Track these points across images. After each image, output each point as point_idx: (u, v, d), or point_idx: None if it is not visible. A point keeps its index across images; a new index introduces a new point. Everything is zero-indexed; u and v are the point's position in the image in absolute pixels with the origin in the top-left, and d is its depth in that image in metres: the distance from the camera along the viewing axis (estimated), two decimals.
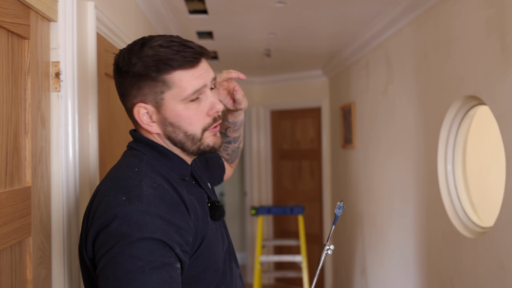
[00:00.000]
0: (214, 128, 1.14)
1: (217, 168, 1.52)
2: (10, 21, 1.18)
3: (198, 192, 1.17)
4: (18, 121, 1.24)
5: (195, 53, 1.09)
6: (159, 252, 0.95)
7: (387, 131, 3.56)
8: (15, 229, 1.19)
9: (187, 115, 1.10)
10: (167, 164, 1.12)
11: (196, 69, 1.10)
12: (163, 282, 0.93)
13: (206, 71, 1.12)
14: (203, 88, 1.10)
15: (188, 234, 1.02)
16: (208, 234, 1.09)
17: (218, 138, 1.17)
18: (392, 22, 3.29)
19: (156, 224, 0.96)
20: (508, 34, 2.06)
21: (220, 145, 1.17)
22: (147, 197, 0.99)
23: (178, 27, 3.53)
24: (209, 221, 1.13)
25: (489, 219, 2.53)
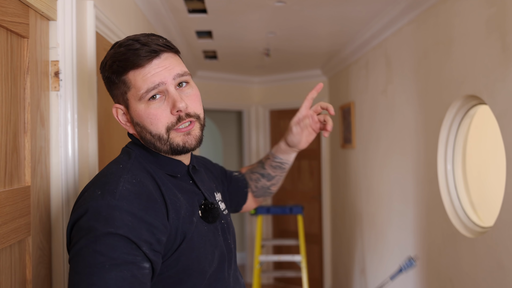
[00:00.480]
0: (182, 129, 1.09)
1: (238, 193, 1.50)
2: (10, 20, 1.17)
3: (192, 192, 1.15)
4: (18, 120, 1.24)
5: (148, 51, 1.06)
6: (123, 249, 0.93)
7: (387, 130, 3.56)
8: (15, 228, 1.19)
9: (147, 115, 1.08)
10: (154, 161, 1.13)
11: (150, 66, 1.07)
12: (122, 280, 0.92)
13: (165, 68, 1.08)
14: (160, 86, 1.07)
15: (161, 233, 0.99)
16: (191, 235, 1.06)
17: (192, 137, 1.10)
18: (392, 22, 3.29)
19: (124, 221, 0.95)
20: (508, 34, 2.06)
21: (194, 145, 1.10)
22: (122, 192, 0.99)
23: (177, 27, 3.53)
24: (196, 221, 1.09)
25: (489, 219, 2.53)
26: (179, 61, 1.14)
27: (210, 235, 1.11)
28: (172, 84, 1.08)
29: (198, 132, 1.12)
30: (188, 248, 1.05)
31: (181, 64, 1.14)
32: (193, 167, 1.21)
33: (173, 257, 1.03)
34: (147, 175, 1.07)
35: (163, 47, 1.09)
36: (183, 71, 1.11)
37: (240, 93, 5.98)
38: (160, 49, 1.08)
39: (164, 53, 1.10)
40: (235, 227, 6.15)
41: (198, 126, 1.12)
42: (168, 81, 1.08)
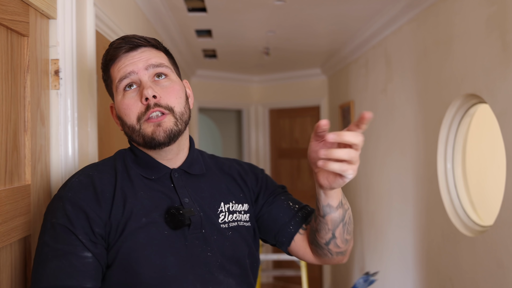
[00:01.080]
0: (152, 119, 1.06)
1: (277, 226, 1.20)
2: (10, 18, 1.17)
3: (164, 195, 1.11)
4: (18, 119, 1.24)
5: (126, 44, 1.10)
6: (64, 239, 1.00)
7: (387, 129, 3.56)
8: (15, 227, 1.19)
9: (122, 105, 1.10)
10: (134, 161, 1.15)
11: (126, 58, 1.10)
12: (59, 270, 0.97)
13: (140, 59, 1.09)
14: (131, 75, 1.08)
15: (97, 224, 1.02)
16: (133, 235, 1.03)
17: (161, 129, 1.06)
18: (392, 20, 3.29)
19: (66, 210, 1.02)
20: (509, 32, 2.06)
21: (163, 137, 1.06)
22: (72, 184, 1.07)
23: (177, 25, 3.52)
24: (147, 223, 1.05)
25: (488, 218, 2.53)
26: (159, 55, 1.13)
27: (170, 240, 1.06)
28: (145, 74, 1.09)
29: (170, 125, 1.07)
30: (126, 248, 1.03)
31: (160, 57, 1.13)
32: (183, 171, 1.16)
33: (113, 251, 1.03)
34: (111, 172, 1.11)
35: (143, 42, 1.11)
36: (158, 63, 1.11)
37: (240, 92, 5.98)
38: (139, 43, 1.10)
39: (142, 47, 1.11)
40: None
41: (171, 119, 1.08)
42: (140, 70, 1.09)
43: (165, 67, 1.12)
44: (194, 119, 5.38)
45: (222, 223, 1.14)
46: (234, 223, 1.16)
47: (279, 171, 5.99)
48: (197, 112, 5.55)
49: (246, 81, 5.96)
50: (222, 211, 1.16)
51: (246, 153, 6.13)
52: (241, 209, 1.19)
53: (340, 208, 1.05)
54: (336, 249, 1.12)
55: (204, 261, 1.08)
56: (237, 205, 1.19)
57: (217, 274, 1.09)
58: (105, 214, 1.04)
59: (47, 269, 0.98)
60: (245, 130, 6.11)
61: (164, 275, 1.03)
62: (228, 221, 1.15)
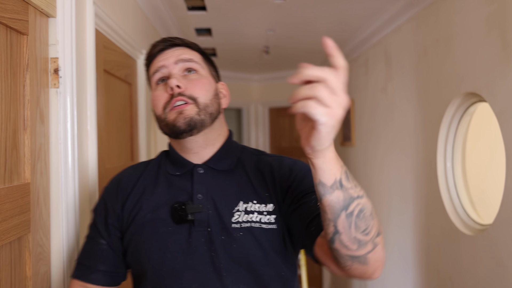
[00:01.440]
0: (175, 107, 1.09)
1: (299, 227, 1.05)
2: (9, 16, 1.17)
3: (182, 190, 1.13)
4: (17, 117, 1.24)
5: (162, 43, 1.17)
6: (91, 225, 1.20)
7: (387, 128, 3.56)
8: (14, 225, 1.19)
9: (153, 98, 1.15)
10: (167, 157, 1.21)
11: (161, 55, 1.17)
12: (84, 250, 1.19)
13: (172, 55, 1.15)
14: (162, 69, 1.14)
15: (110, 216, 1.16)
16: (139, 229, 1.11)
17: (182, 117, 1.08)
18: (392, 19, 3.29)
19: (99, 202, 1.21)
20: (508, 31, 2.06)
21: (182, 124, 1.08)
22: (111, 180, 1.23)
23: (176, 24, 3.52)
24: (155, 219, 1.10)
25: (488, 216, 2.53)
26: (191, 53, 1.17)
27: (173, 236, 1.08)
28: (174, 68, 1.14)
29: (191, 114, 1.08)
30: (134, 240, 1.12)
31: (192, 55, 1.16)
32: (208, 167, 1.15)
33: (125, 242, 1.15)
34: (142, 169, 1.22)
35: (179, 41, 1.17)
36: (188, 58, 1.15)
37: (240, 90, 5.97)
38: (174, 43, 1.17)
39: (177, 46, 1.17)
40: None
41: (193, 108, 1.09)
42: (171, 65, 1.14)
43: (195, 63, 1.15)
44: None
45: (235, 222, 1.08)
46: (247, 224, 1.08)
47: None
48: None
49: (246, 80, 5.95)
50: (238, 211, 1.10)
51: None
52: (263, 210, 1.10)
53: (338, 190, 0.81)
54: (345, 251, 0.86)
55: (207, 260, 1.06)
56: (258, 205, 1.10)
57: (221, 277, 1.05)
58: (119, 207, 1.16)
59: (82, 246, 1.21)
60: (245, 129, 6.10)
61: (160, 270, 1.06)
62: (241, 221, 1.08)
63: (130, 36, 2.34)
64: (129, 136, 2.43)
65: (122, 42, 2.25)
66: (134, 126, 2.47)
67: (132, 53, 2.45)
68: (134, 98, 2.50)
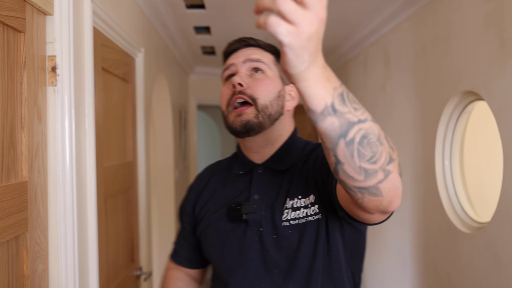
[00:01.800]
0: (236, 109, 1.13)
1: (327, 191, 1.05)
2: (6, 14, 1.17)
3: (242, 190, 1.20)
4: (14, 115, 1.24)
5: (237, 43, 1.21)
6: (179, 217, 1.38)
7: (385, 126, 3.56)
8: (12, 223, 1.19)
9: (220, 93, 1.20)
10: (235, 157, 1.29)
11: (234, 54, 1.21)
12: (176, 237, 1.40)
13: (242, 54, 1.18)
14: (231, 67, 1.18)
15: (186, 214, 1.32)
16: (206, 227, 1.23)
17: (239, 120, 1.12)
18: (390, 18, 3.28)
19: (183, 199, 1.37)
20: (506, 29, 2.06)
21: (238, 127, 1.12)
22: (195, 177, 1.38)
23: (175, 22, 3.52)
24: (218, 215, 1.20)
25: (486, 214, 2.53)
26: (263, 54, 1.19)
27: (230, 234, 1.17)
28: (242, 66, 1.17)
29: (249, 117, 1.11)
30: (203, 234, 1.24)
31: (262, 56, 1.18)
32: (266, 167, 1.18)
33: (197, 235, 1.28)
34: (215, 169, 1.33)
35: (253, 42, 1.20)
36: (257, 58, 1.16)
37: None
38: (247, 43, 1.20)
39: (250, 47, 1.20)
40: None
41: (252, 111, 1.11)
42: (239, 63, 1.17)
43: (263, 63, 1.16)
44: (192, 116, 5.38)
45: (284, 221, 1.11)
46: (295, 221, 1.10)
47: None
48: (195, 109, 5.53)
49: None
50: (287, 208, 1.11)
51: None
52: (308, 203, 1.09)
53: (331, 116, 0.71)
54: (352, 182, 0.78)
55: (259, 258, 1.12)
56: (303, 200, 1.10)
57: (271, 274, 1.10)
58: (191, 208, 1.31)
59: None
60: None
61: (221, 265, 1.19)
62: (289, 219, 1.10)
63: (128, 34, 2.34)
64: (128, 134, 2.42)
65: (120, 40, 2.24)
66: (132, 124, 2.47)
67: (130, 51, 2.44)
68: (133, 96, 2.50)
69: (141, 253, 2.58)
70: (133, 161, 2.48)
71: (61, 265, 1.43)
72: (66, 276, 1.44)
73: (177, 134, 4.16)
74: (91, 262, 1.70)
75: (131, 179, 2.45)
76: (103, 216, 1.96)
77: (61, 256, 1.43)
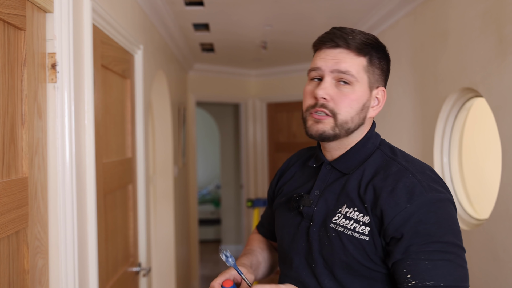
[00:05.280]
0: (314, 115, 1.15)
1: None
2: (6, 11, 1.18)
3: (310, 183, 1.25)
4: (15, 112, 1.24)
5: (330, 40, 1.15)
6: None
7: (384, 123, 3.57)
8: (12, 219, 1.20)
9: (304, 90, 1.21)
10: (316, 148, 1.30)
11: (324, 52, 1.16)
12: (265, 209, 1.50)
13: (332, 59, 1.14)
14: (318, 70, 1.15)
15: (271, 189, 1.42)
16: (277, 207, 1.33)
17: (316, 128, 1.15)
18: (389, 14, 3.29)
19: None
20: (505, 26, 2.07)
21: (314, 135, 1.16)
22: None
23: (174, 19, 3.52)
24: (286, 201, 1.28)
25: (484, 211, 2.55)
26: (354, 61, 1.13)
27: (290, 220, 1.25)
28: (329, 75, 1.14)
29: (325, 128, 1.14)
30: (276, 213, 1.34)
31: (353, 64, 1.12)
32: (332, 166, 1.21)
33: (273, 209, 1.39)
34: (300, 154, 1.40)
35: (344, 44, 1.13)
36: (346, 69, 1.12)
37: (237, 86, 5.98)
38: (341, 44, 1.14)
39: (342, 48, 1.14)
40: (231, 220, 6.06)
41: (330, 123, 1.14)
42: (326, 70, 1.14)
43: (351, 76, 1.12)
44: (191, 113, 5.38)
45: (333, 222, 1.14)
46: (341, 228, 1.12)
47: (276, 165, 6.00)
48: (194, 106, 5.54)
49: (243, 75, 5.95)
50: (340, 213, 1.14)
51: (243, 147, 6.14)
52: (361, 220, 1.10)
53: None
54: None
55: (304, 248, 1.20)
56: (357, 213, 1.11)
57: (310, 266, 1.18)
58: (275, 183, 1.41)
59: None
60: (243, 124, 6.11)
61: (282, 245, 1.27)
62: (338, 224, 1.13)
63: (127, 32, 2.34)
64: (127, 131, 2.43)
65: (120, 37, 2.25)
66: (131, 121, 2.48)
67: (129, 48, 2.45)
68: (132, 93, 2.51)
69: (140, 249, 2.59)
70: (132, 157, 2.49)
71: (61, 260, 1.44)
72: (66, 271, 1.46)
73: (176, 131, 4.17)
74: (91, 258, 1.72)
75: (130, 175, 2.46)
76: (103, 212, 1.97)
77: (61, 251, 1.44)
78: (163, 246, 3.88)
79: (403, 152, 1.20)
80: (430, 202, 1.04)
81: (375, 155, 1.18)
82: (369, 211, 1.09)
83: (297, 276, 1.20)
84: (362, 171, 1.16)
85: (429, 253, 1.02)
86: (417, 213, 1.03)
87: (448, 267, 1.03)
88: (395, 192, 1.06)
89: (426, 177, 1.08)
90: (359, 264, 1.10)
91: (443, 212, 1.05)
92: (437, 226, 1.03)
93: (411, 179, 1.08)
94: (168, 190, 3.88)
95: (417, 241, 1.02)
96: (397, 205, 1.05)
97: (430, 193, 1.05)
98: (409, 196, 1.05)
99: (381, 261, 1.10)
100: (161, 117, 3.85)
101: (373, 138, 1.21)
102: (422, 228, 1.02)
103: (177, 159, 4.19)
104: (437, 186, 1.08)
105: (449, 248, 1.04)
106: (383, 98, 1.20)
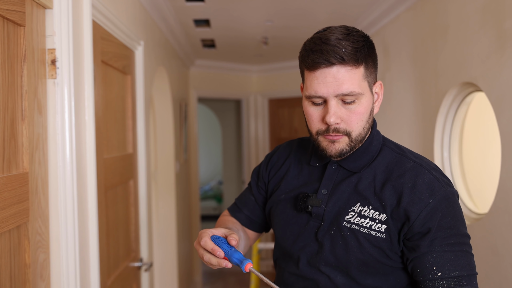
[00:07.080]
0: (329, 136, 1.12)
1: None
2: (5, 8, 1.18)
3: (314, 181, 1.23)
4: (15, 108, 1.25)
5: (323, 59, 1.07)
6: (250, 181, 1.43)
7: (384, 118, 3.57)
8: (13, 214, 1.21)
9: (306, 111, 1.16)
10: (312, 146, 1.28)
11: (320, 73, 1.09)
12: (240, 196, 1.44)
13: (333, 82, 1.08)
14: (315, 99, 1.11)
15: (261, 181, 1.37)
16: (274, 204, 1.29)
17: (334, 148, 1.13)
18: (390, 9, 3.29)
19: (258, 165, 1.41)
20: (504, 20, 2.07)
21: (333, 155, 1.14)
22: (273, 149, 1.41)
23: (175, 15, 3.52)
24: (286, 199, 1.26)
25: (485, 205, 2.55)
26: (353, 76, 1.09)
27: (293, 219, 1.23)
28: (333, 99, 1.10)
29: (342, 147, 1.13)
30: (270, 211, 1.31)
31: (353, 81, 1.08)
32: (339, 165, 1.20)
33: (267, 206, 1.34)
34: (291, 146, 1.35)
35: (340, 58, 1.07)
36: (350, 91, 1.08)
37: (239, 82, 5.98)
38: (335, 61, 1.07)
39: (338, 66, 1.07)
40: None
41: (345, 141, 1.13)
42: (330, 96, 1.09)
43: (355, 95, 1.09)
44: (193, 109, 5.39)
45: (347, 221, 1.14)
46: (356, 227, 1.13)
47: None
48: (196, 102, 5.55)
49: (245, 71, 5.96)
50: (354, 211, 1.15)
51: (245, 143, 6.15)
52: (376, 218, 1.12)
53: None
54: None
55: (314, 248, 1.18)
56: (372, 211, 1.13)
57: (320, 266, 1.16)
58: (266, 178, 1.35)
59: (243, 191, 1.45)
60: (244, 120, 6.12)
61: (282, 243, 1.25)
62: (352, 222, 1.14)
63: (127, 27, 2.35)
64: (128, 127, 2.44)
65: (120, 33, 2.25)
66: (132, 116, 2.49)
67: (130, 44, 2.46)
68: (132, 89, 2.52)
69: (142, 244, 2.61)
70: (133, 153, 2.50)
71: (62, 255, 1.45)
72: (67, 265, 1.47)
73: (177, 127, 4.18)
74: (92, 252, 1.73)
75: (132, 171, 2.47)
76: (104, 207, 1.98)
77: (62, 246, 1.45)
78: (165, 242, 3.89)
79: (406, 148, 1.23)
80: (447, 196, 1.10)
81: (383, 152, 1.20)
82: (387, 209, 1.11)
83: (306, 273, 1.19)
84: (373, 169, 1.17)
85: (452, 245, 1.08)
86: (440, 208, 1.08)
87: (466, 257, 1.10)
88: (416, 188, 1.10)
89: (439, 173, 1.14)
90: (376, 260, 1.12)
91: (457, 205, 1.12)
92: (455, 219, 1.10)
93: (428, 175, 1.12)
94: (170, 186, 3.89)
95: (440, 234, 1.08)
96: (421, 200, 1.09)
97: (446, 188, 1.11)
98: (430, 192, 1.09)
99: (396, 256, 1.13)
100: (162, 113, 3.86)
101: (377, 135, 1.22)
102: (444, 222, 1.08)
103: (178, 155, 4.20)
104: (448, 181, 1.14)
105: (465, 239, 1.11)
106: (381, 91, 1.20)
